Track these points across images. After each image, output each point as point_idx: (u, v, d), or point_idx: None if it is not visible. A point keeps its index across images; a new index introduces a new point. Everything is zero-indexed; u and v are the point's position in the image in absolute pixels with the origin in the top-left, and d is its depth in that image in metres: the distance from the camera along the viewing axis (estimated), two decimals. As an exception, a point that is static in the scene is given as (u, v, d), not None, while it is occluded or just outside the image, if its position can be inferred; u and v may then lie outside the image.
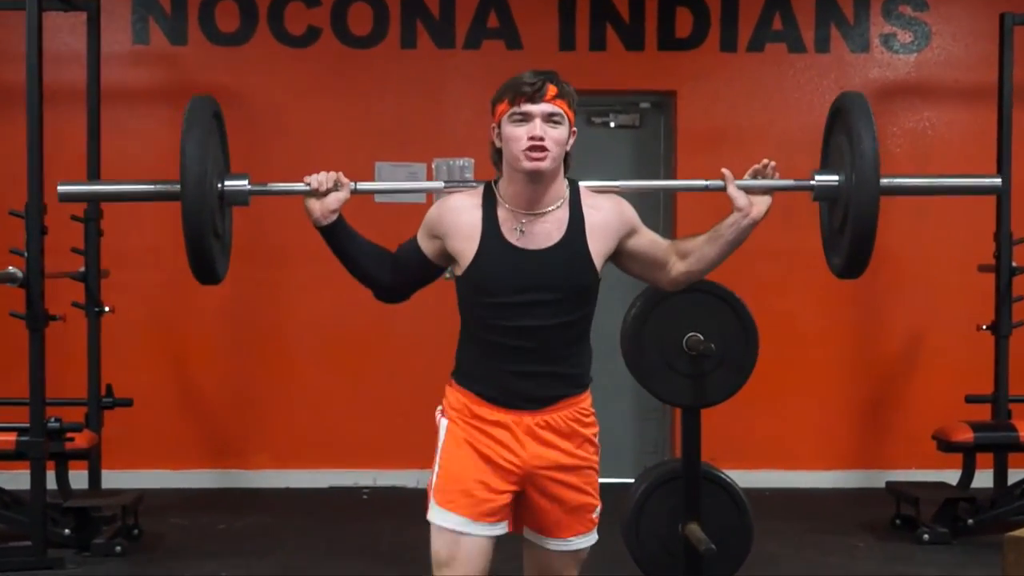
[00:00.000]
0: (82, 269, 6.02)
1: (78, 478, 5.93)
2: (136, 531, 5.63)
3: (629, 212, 2.96)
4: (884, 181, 3.09)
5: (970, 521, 5.74)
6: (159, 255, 6.80)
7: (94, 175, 5.98)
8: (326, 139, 6.87)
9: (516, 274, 2.85)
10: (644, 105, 7.21)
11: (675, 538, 4.46)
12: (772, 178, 3.07)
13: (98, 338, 6.10)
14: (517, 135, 2.82)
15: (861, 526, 6.04)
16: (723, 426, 6.10)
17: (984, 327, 6.19)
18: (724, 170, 3.05)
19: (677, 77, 7.01)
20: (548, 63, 6.79)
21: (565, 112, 2.84)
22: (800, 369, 7.00)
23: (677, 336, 4.39)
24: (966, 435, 5.87)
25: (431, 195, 6.97)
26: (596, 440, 3.01)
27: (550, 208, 2.88)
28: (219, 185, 3.12)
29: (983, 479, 6.09)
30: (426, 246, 2.95)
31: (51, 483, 5.62)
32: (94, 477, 6.06)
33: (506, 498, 2.91)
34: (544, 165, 2.81)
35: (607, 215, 2.92)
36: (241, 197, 3.16)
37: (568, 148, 2.88)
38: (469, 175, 6.73)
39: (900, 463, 6.92)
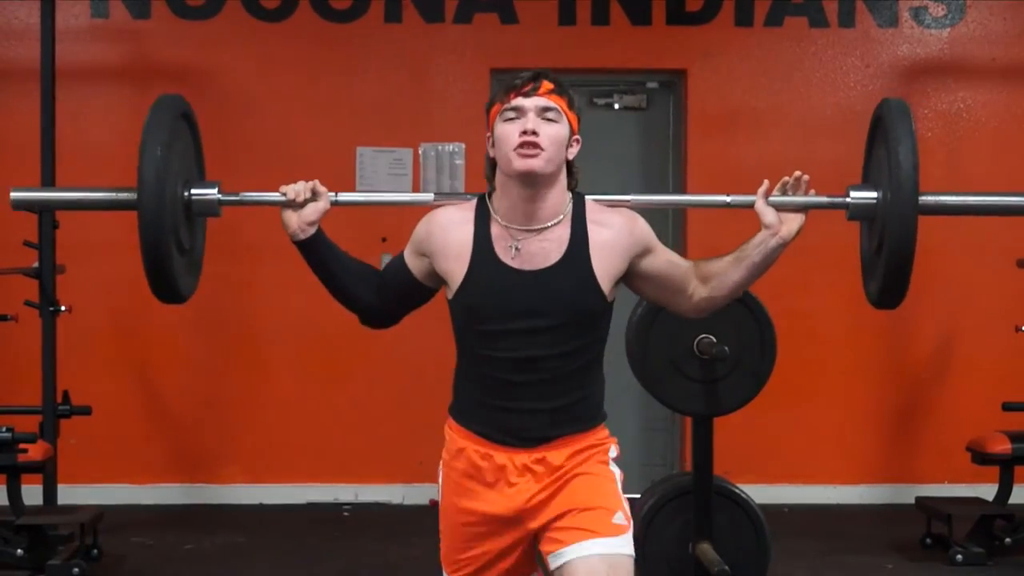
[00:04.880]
0: (35, 264, 6.01)
1: (31, 493, 5.92)
2: (95, 551, 5.62)
3: (642, 229, 2.90)
4: (924, 199, 3.07)
5: (1007, 540, 5.74)
6: (120, 249, 6.69)
7: (48, 162, 5.97)
8: (303, 122, 6.87)
9: (511, 298, 2.81)
10: (652, 85, 7.21)
11: (685, 559, 4.47)
12: (804, 193, 3.03)
13: (53, 340, 6.09)
14: (508, 132, 2.78)
15: (889, 545, 6.04)
16: (737, 436, 6.11)
17: (1023, 328, 6.20)
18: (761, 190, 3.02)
19: (688, 54, 7.01)
20: (546, 38, 6.92)
21: (563, 110, 2.81)
22: (822, 374, 7.01)
23: (687, 338, 4.41)
24: (1003, 446, 5.87)
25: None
26: (608, 456, 2.91)
27: (549, 223, 2.83)
28: (185, 194, 3.14)
29: (1021, 494, 6.10)
30: (414, 265, 2.93)
31: (2, 499, 5.61)
32: (49, 492, 6.05)
33: (515, 554, 2.90)
34: (537, 164, 2.76)
35: (616, 233, 2.86)
36: (210, 208, 3.18)
37: (569, 156, 2.85)
38: (459, 161, 6.74)
39: (931, 477, 6.94)
